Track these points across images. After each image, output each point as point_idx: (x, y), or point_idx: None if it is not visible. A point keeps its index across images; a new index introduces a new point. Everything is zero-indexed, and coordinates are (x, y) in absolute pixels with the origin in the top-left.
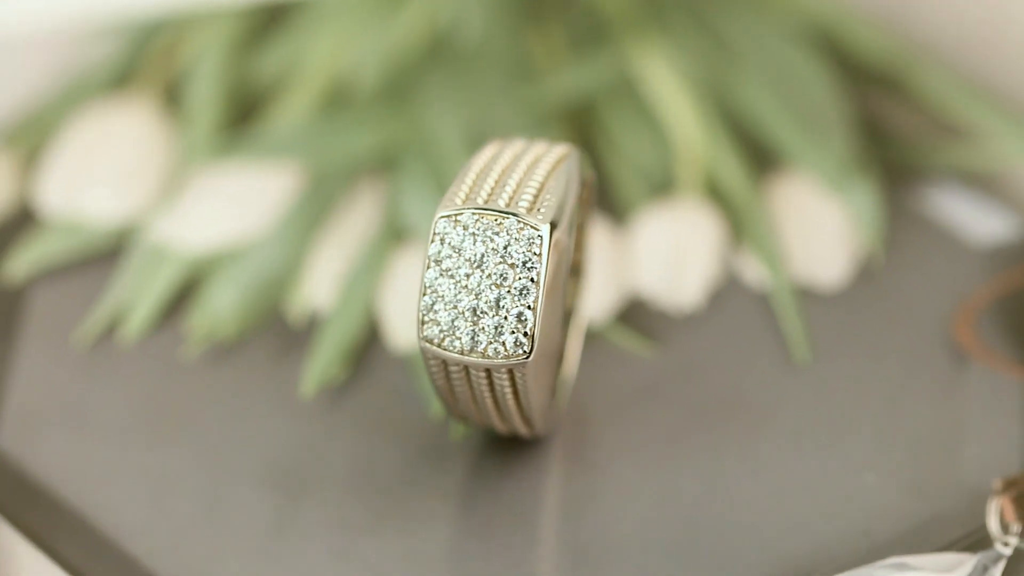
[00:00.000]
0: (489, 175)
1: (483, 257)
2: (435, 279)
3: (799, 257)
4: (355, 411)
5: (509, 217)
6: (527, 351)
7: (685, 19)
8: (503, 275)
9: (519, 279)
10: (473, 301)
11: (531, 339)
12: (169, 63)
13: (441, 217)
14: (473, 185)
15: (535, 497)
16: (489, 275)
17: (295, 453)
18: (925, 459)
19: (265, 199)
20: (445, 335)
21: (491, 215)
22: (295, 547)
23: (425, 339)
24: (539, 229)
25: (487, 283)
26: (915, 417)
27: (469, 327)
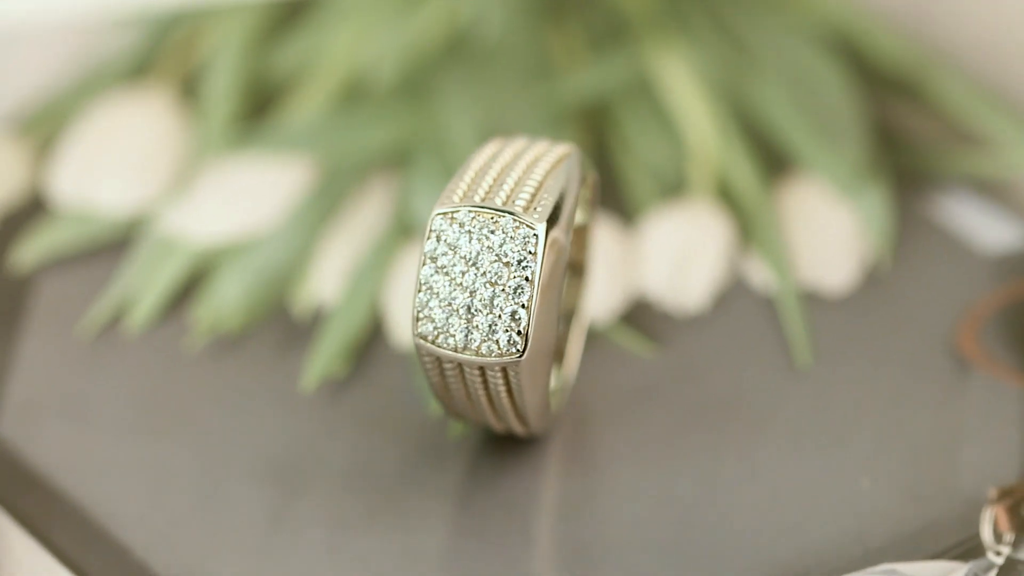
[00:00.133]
0: (488, 173)
1: (478, 255)
2: (430, 276)
3: (806, 261)
4: (355, 407)
5: (505, 215)
6: (520, 350)
7: (704, 21)
8: (498, 273)
9: (513, 277)
10: (467, 299)
11: (525, 338)
12: (187, 56)
13: (437, 214)
14: (471, 183)
15: (532, 496)
16: (484, 273)
17: (293, 448)
18: (922, 466)
19: (276, 192)
20: (439, 332)
21: (487, 213)
22: (289, 542)
23: (419, 336)
24: (534, 228)
25: (482, 281)
26: (914, 424)
27: (463, 325)
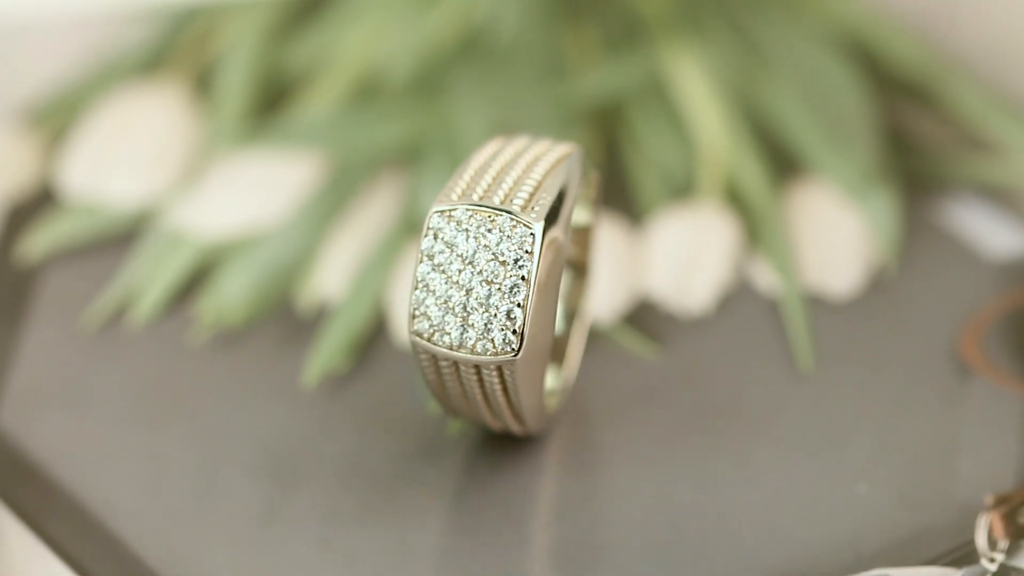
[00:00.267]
0: (487, 171)
1: (475, 253)
2: (427, 274)
3: (812, 265)
4: (355, 403)
5: (502, 214)
6: (515, 349)
7: (720, 22)
8: (494, 272)
9: (510, 277)
10: (463, 297)
11: (520, 337)
12: (202, 50)
13: (435, 212)
14: (470, 181)
15: (528, 495)
16: (480, 272)
17: (291, 442)
18: (919, 472)
19: (285, 188)
20: (435, 330)
21: (485, 212)
22: (282, 535)
23: (415, 333)
24: (531, 227)
25: (478, 280)
26: (913, 429)
27: (459, 323)
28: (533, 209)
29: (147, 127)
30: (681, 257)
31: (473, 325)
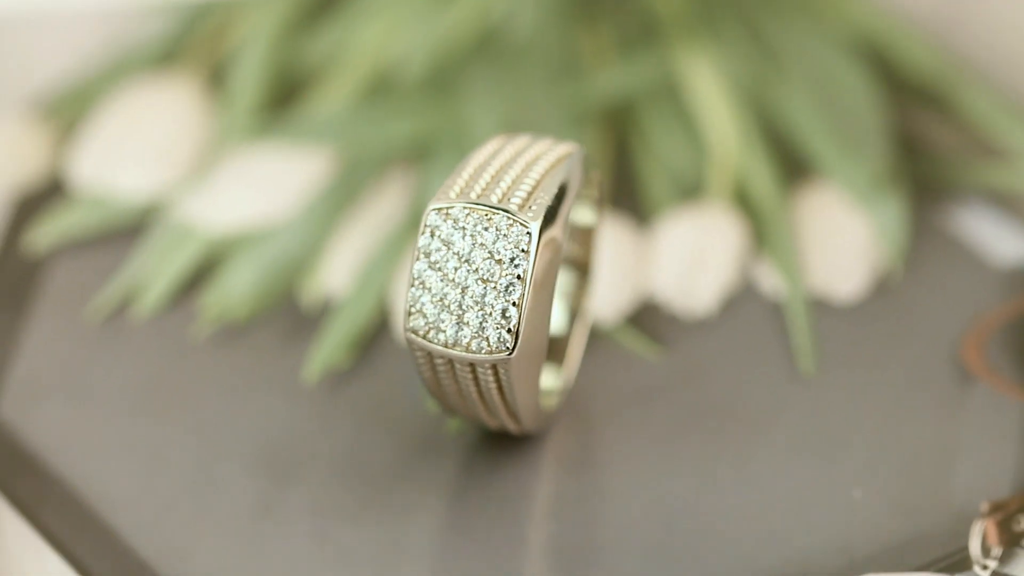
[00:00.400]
0: (487, 170)
1: (471, 252)
2: (423, 271)
3: (818, 268)
4: (354, 399)
5: (499, 213)
6: (510, 347)
7: (735, 24)
8: (490, 271)
9: (505, 275)
10: (459, 295)
11: (515, 336)
12: (217, 44)
13: (432, 209)
14: (469, 179)
15: (524, 494)
16: (476, 270)
17: (289, 437)
18: (915, 477)
19: (295, 183)
20: (430, 327)
21: (482, 210)
22: (277, 530)
23: (411, 330)
24: (528, 226)
25: (474, 278)
26: (912, 435)
27: (454, 321)
28: (530, 208)
29: (159, 120)
30: (687, 258)
31: (468, 323)
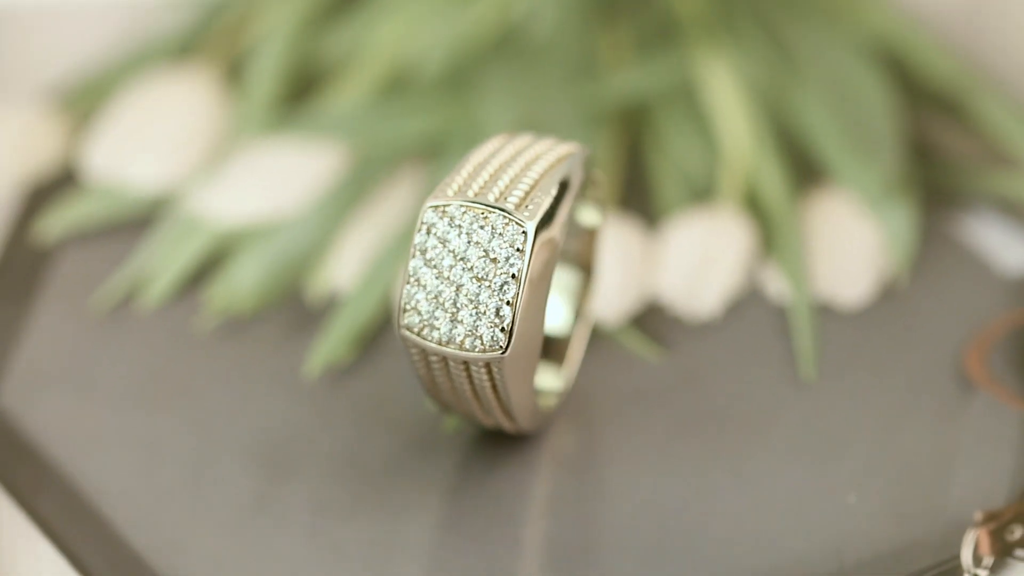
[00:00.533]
0: (485, 168)
1: (467, 250)
2: (419, 268)
3: (824, 274)
4: (354, 395)
5: (495, 212)
6: (503, 346)
7: (754, 26)
8: (485, 269)
9: (500, 274)
10: (453, 293)
11: (508, 335)
12: (236, 37)
13: (429, 207)
14: (468, 177)
15: (519, 494)
16: (471, 268)
17: (287, 432)
18: (911, 484)
19: (307, 178)
20: (424, 324)
21: (478, 208)
22: (271, 525)
23: (405, 327)
24: (523, 225)
25: (468, 276)
26: (910, 442)
27: (448, 318)
28: (527, 207)
29: (174, 112)
30: (694, 261)
31: (462, 321)
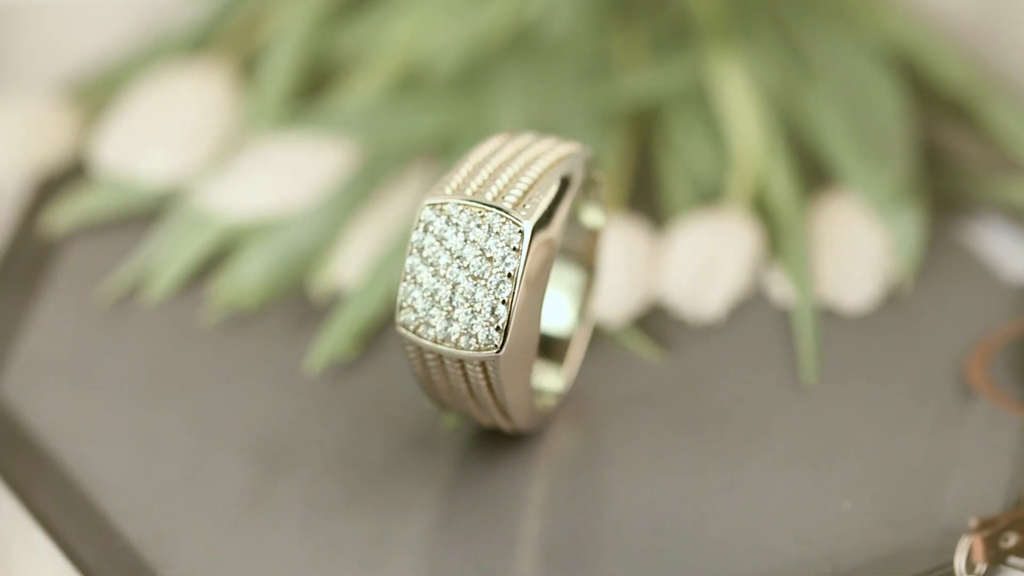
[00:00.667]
0: (485, 167)
1: (463, 248)
2: (415, 266)
3: (829, 278)
4: (355, 391)
5: (492, 211)
6: (498, 345)
7: (769, 29)
8: (481, 268)
9: (496, 273)
10: (449, 291)
11: (503, 334)
12: (250, 33)
13: (427, 205)
14: (467, 176)
15: (516, 493)
16: (467, 267)
17: (286, 427)
18: (908, 490)
19: (316, 174)
20: (420, 322)
21: (476, 207)
22: (265, 520)
23: (401, 324)
24: (520, 225)
25: (464, 275)
26: (908, 447)
27: (444, 316)
28: (524, 207)
29: (187, 106)
30: (699, 263)
31: (457, 319)
